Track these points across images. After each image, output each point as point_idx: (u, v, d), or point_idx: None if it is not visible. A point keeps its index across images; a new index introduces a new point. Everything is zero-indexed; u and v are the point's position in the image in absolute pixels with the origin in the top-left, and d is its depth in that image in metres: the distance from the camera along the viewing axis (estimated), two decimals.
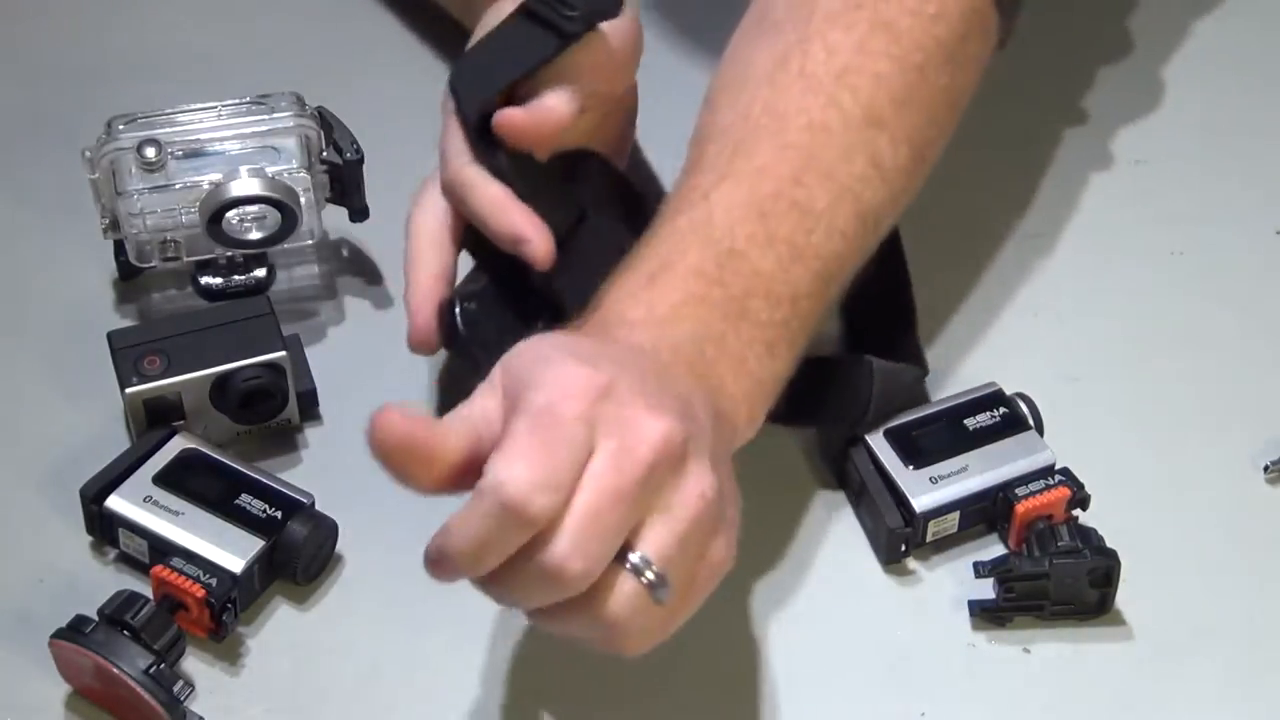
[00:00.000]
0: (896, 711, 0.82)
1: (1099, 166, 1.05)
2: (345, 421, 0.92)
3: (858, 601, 0.85)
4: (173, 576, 0.81)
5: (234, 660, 0.83)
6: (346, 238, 0.99)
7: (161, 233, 0.93)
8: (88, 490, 0.85)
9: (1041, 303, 0.98)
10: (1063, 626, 0.84)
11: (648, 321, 0.77)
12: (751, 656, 0.83)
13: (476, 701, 0.82)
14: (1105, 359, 0.96)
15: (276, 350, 0.89)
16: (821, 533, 0.88)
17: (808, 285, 0.80)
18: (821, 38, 0.84)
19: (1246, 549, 0.88)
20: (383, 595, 0.85)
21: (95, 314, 0.96)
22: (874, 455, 0.87)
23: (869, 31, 0.84)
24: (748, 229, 0.80)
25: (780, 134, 0.82)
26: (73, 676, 0.81)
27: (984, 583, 0.84)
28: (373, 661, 0.83)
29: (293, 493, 0.86)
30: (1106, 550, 0.83)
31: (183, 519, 0.84)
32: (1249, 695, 0.83)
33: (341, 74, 1.08)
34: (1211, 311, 0.98)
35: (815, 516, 0.88)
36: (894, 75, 0.84)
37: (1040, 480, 0.86)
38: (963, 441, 0.87)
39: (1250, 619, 0.85)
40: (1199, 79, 1.11)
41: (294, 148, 0.93)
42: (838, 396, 0.87)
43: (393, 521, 0.87)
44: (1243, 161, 1.06)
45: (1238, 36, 1.14)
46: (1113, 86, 1.09)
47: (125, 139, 0.91)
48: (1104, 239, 1.02)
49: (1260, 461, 0.90)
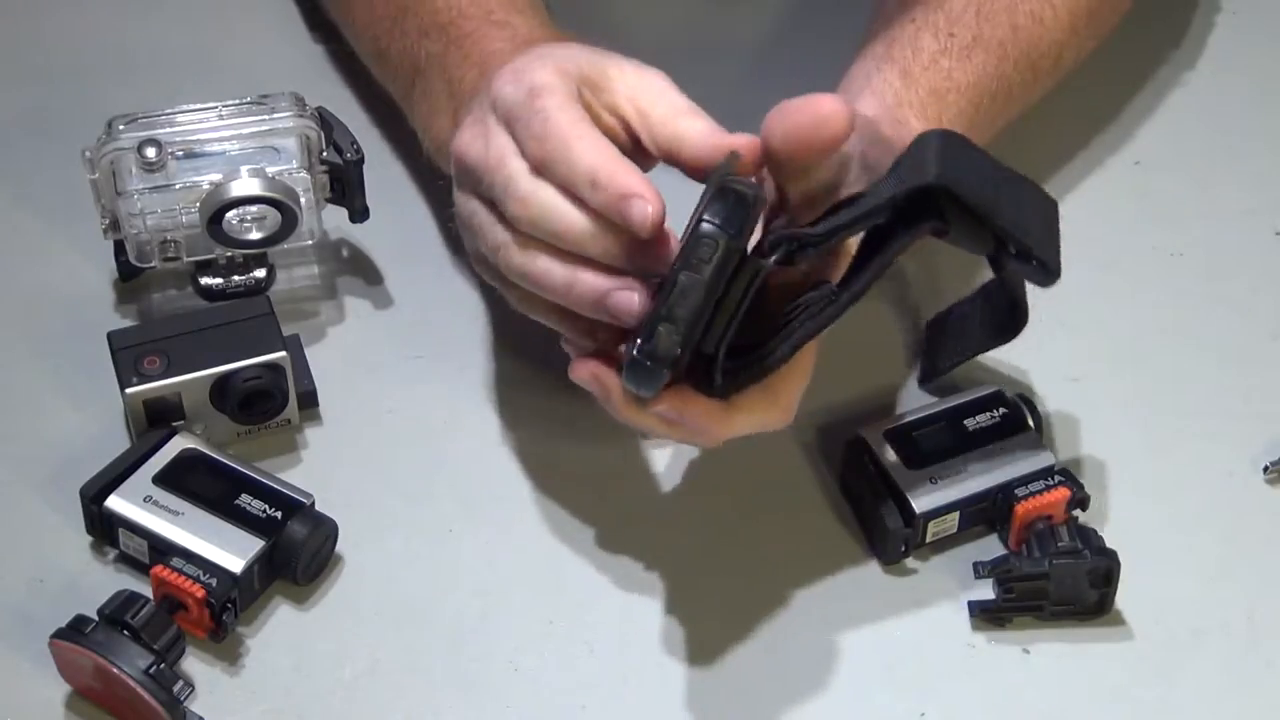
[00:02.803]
0: (896, 711, 0.82)
1: (1099, 166, 1.05)
2: (345, 421, 0.92)
3: (858, 601, 0.85)
4: (173, 576, 0.81)
5: (234, 660, 0.83)
6: (346, 238, 0.99)
7: (161, 233, 0.93)
8: (88, 490, 0.85)
9: (1041, 303, 0.98)
10: (1063, 627, 0.84)
11: None
12: (751, 656, 0.83)
13: (476, 702, 0.82)
14: (1105, 359, 0.96)
15: (276, 350, 0.89)
16: (821, 533, 0.88)
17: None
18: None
19: (1246, 549, 0.88)
20: (383, 595, 0.85)
21: (95, 314, 0.96)
22: (874, 455, 0.87)
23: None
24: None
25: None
26: (73, 676, 0.81)
27: (984, 583, 0.84)
28: (373, 661, 0.83)
29: (292, 493, 0.86)
30: (1106, 550, 0.83)
31: (183, 519, 0.84)
32: (1249, 695, 0.83)
33: (341, 74, 1.08)
34: (1211, 311, 0.98)
35: (815, 516, 0.88)
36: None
37: (1040, 481, 0.86)
38: (963, 442, 0.87)
39: (1250, 619, 0.85)
40: (1199, 79, 1.11)
41: (294, 148, 0.93)
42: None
43: (393, 521, 0.88)
44: (1243, 161, 1.06)
45: (1237, 37, 1.14)
46: (1113, 86, 1.09)
47: (125, 139, 0.91)
48: (1104, 239, 1.02)
49: (1260, 461, 0.90)
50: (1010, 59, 0.94)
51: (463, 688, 0.82)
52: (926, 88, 0.90)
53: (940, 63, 0.91)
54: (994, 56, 0.93)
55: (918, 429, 0.87)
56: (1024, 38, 0.95)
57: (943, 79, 0.91)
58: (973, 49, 0.92)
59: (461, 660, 0.83)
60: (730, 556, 0.86)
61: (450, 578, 0.86)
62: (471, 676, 0.83)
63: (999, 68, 0.93)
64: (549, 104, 0.78)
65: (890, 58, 0.91)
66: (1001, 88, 0.94)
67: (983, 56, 0.93)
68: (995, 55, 0.93)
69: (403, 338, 0.88)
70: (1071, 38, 0.98)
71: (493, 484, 0.89)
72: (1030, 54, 0.95)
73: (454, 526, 0.88)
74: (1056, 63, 0.98)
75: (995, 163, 0.80)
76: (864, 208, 0.76)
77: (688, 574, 0.86)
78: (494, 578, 0.86)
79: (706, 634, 0.84)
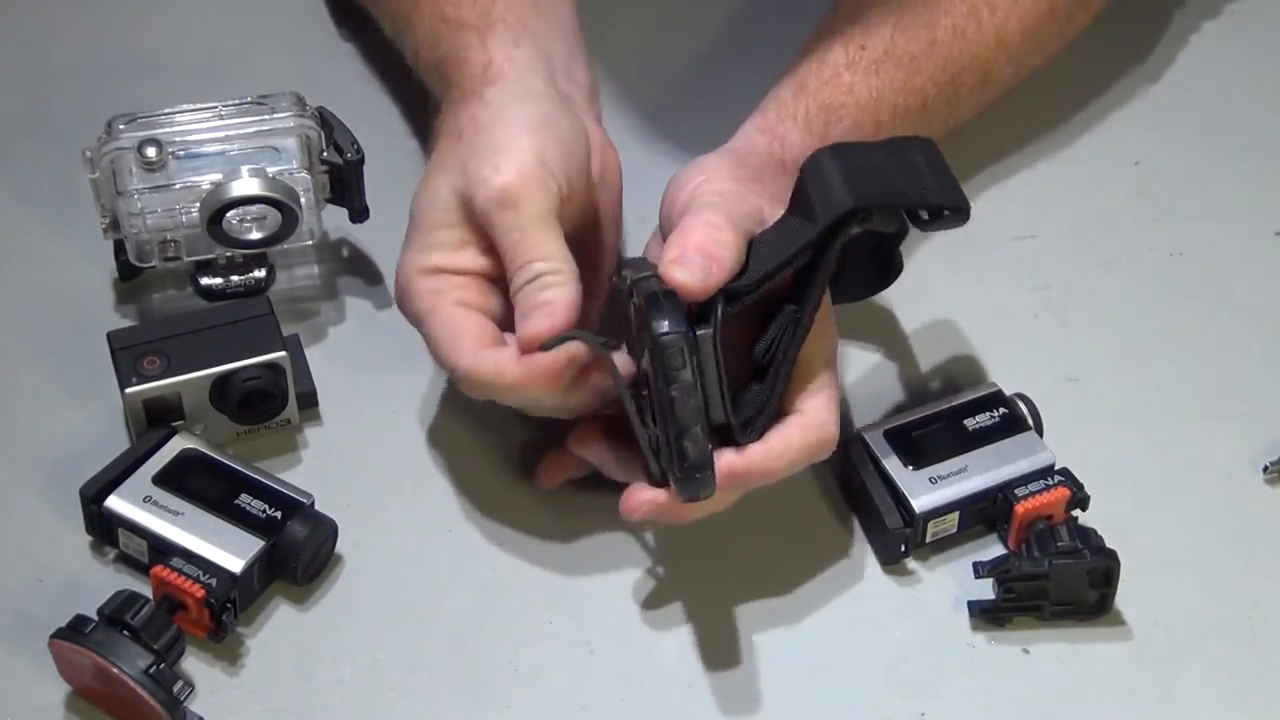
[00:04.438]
0: (896, 711, 0.82)
1: (1099, 166, 1.05)
2: (345, 421, 0.92)
3: (858, 601, 0.85)
4: (172, 576, 0.81)
5: (234, 660, 0.83)
6: (346, 238, 0.99)
7: (161, 233, 0.93)
8: (88, 490, 0.85)
9: (1041, 303, 0.98)
10: (1062, 627, 0.84)
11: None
12: (751, 656, 0.83)
13: (476, 702, 0.82)
14: (1105, 359, 0.96)
15: (276, 350, 0.89)
16: (821, 533, 0.88)
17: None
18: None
19: (1246, 549, 0.88)
20: (383, 595, 0.85)
21: (95, 314, 0.96)
22: (874, 455, 0.87)
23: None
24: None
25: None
26: (72, 676, 0.81)
27: (984, 583, 0.84)
28: (372, 661, 0.83)
29: (292, 493, 0.86)
30: (1106, 550, 0.83)
31: (182, 519, 0.84)
32: (1248, 695, 0.83)
33: (341, 74, 1.08)
34: (1211, 311, 0.98)
35: (815, 516, 0.88)
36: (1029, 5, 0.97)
37: (1040, 481, 0.86)
38: (962, 442, 0.87)
39: (1249, 619, 0.85)
40: (1199, 79, 1.11)
41: (294, 148, 0.93)
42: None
43: (393, 521, 0.88)
44: (1243, 161, 1.06)
45: (1237, 37, 1.13)
46: (1113, 86, 1.09)
47: (125, 139, 0.91)
48: (1104, 239, 1.02)
49: (1260, 461, 0.90)
50: (924, 73, 0.93)
51: (463, 687, 0.82)
52: (820, 102, 0.90)
53: (842, 76, 0.91)
54: (904, 71, 0.93)
55: (918, 429, 0.88)
56: (941, 52, 0.94)
57: (841, 93, 0.91)
58: (881, 63, 0.92)
59: (461, 660, 0.83)
60: (730, 556, 0.86)
61: (450, 578, 0.86)
62: (471, 676, 0.83)
63: (909, 82, 0.93)
64: (438, 305, 0.84)
65: (794, 71, 0.92)
66: (913, 102, 0.93)
67: (892, 71, 0.92)
68: (906, 70, 0.93)
69: (403, 338, 0.88)
70: (999, 52, 0.96)
71: (493, 484, 0.89)
72: (949, 68, 0.94)
73: (454, 526, 0.88)
74: (984, 78, 0.97)
75: (878, 148, 0.84)
76: (787, 252, 0.81)
77: (688, 574, 0.86)
78: (494, 578, 0.86)
79: (706, 634, 0.84)
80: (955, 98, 0.96)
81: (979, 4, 0.96)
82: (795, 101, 0.91)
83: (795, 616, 0.85)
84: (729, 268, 0.80)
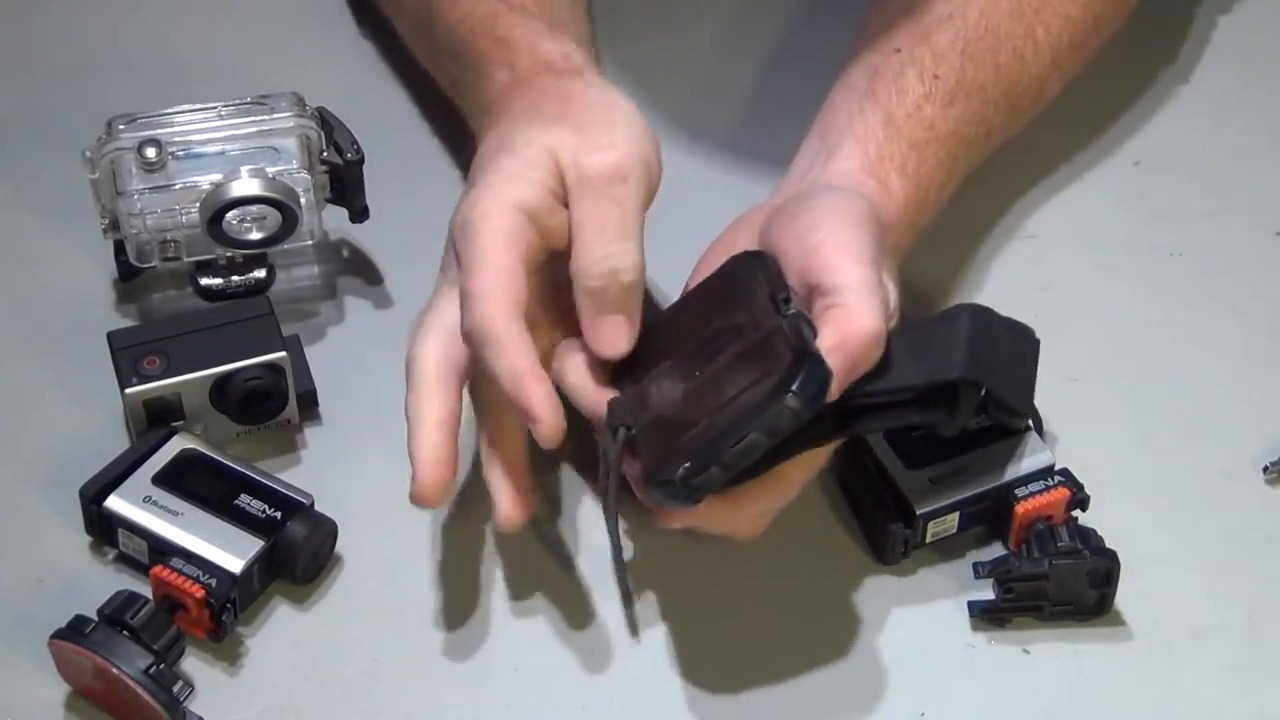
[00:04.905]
0: (896, 711, 0.82)
1: (1099, 166, 1.05)
2: (345, 421, 0.92)
3: (858, 601, 0.85)
4: (172, 577, 0.81)
5: (233, 660, 0.83)
6: (346, 238, 0.99)
7: (161, 233, 0.93)
8: (87, 490, 0.85)
9: (1041, 303, 0.98)
10: (1062, 627, 0.84)
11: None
12: (751, 656, 0.83)
13: (476, 702, 0.82)
14: (1105, 359, 0.96)
15: (276, 351, 0.89)
16: (822, 533, 0.88)
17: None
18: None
19: (1246, 549, 0.88)
20: (383, 595, 0.85)
21: (95, 314, 0.96)
22: (874, 456, 0.87)
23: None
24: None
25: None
26: (72, 677, 0.81)
27: (983, 583, 0.84)
28: (373, 661, 0.83)
29: (292, 493, 0.86)
30: (1106, 551, 0.83)
31: (182, 519, 0.84)
32: (1248, 695, 0.83)
33: (341, 74, 1.08)
34: (1211, 311, 0.98)
35: (815, 517, 0.88)
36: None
37: (1040, 481, 0.86)
38: (962, 442, 0.87)
39: (1249, 619, 0.85)
40: (1199, 79, 1.11)
41: (294, 148, 0.93)
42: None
43: (393, 521, 0.88)
44: (1243, 161, 1.06)
45: (1237, 36, 1.13)
46: (1113, 86, 1.09)
47: (125, 139, 0.91)
48: (1104, 239, 1.02)
49: (1260, 462, 0.90)
50: (991, 101, 0.93)
51: (463, 688, 0.82)
52: (908, 139, 0.89)
53: (924, 109, 0.90)
54: (975, 101, 0.92)
55: (918, 429, 0.87)
56: (1005, 77, 0.94)
57: (924, 129, 0.90)
58: (955, 94, 0.91)
59: (461, 660, 0.83)
60: (730, 557, 0.86)
61: (450, 578, 0.86)
62: (471, 676, 0.83)
63: (980, 112, 0.92)
64: (478, 289, 0.78)
65: (874, 95, 0.90)
66: (980, 132, 0.93)
67: (964, 103, 0.92)
68: (977, 100, 0.92)
69: (403, 338, 0.87)
70: (1053, 72, 0.97)
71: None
72: (1010, 93, 0.94)
73: (454, 526, 0.88)
74: (1037, 99, 0.97)
75: (1007, 327, 0.84)
76: (888, 389, 0.79)
77: (688, 574, 0.86)
78: (494, 577, 0.86)
79: (706, 634, 0.84)
80: (1013, 121, 0.96)
81: (1034, 23, 0.95)
82: (889, 140, 0.89)
83: (795, 616, 0.85)
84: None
